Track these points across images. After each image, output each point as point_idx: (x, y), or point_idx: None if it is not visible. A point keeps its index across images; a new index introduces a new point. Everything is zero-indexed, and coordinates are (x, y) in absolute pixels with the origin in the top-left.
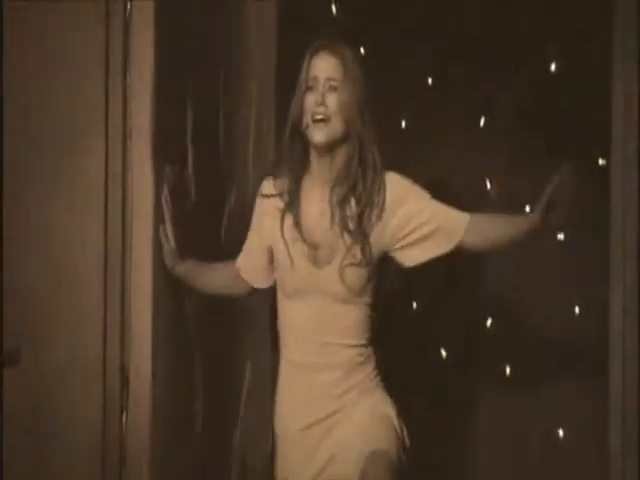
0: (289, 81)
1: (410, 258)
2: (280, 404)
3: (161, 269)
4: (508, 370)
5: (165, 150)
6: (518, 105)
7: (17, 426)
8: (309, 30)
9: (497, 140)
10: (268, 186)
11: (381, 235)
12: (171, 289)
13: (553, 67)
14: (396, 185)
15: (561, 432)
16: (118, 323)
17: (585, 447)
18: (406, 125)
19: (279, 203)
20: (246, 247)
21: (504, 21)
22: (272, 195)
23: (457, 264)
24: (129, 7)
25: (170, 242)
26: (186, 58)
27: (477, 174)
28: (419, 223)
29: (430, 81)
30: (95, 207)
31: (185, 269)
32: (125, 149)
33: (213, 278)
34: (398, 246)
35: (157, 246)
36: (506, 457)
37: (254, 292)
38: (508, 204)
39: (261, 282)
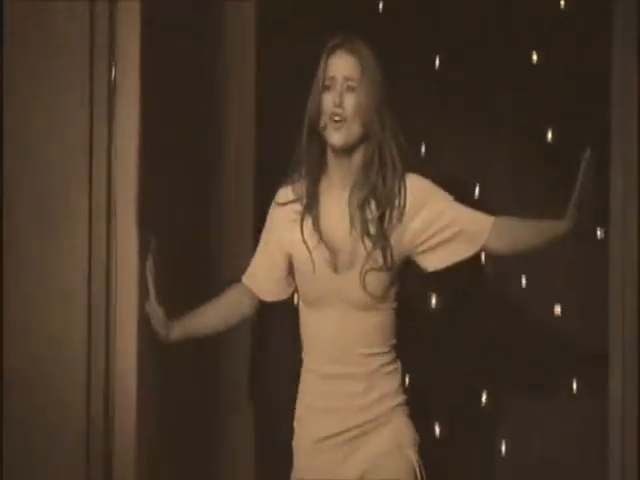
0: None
1: (432, 262)
2: (299, 415)
3: (148, 338)
4: (504, 448)
5: (150, 219)
6: (514, 172)
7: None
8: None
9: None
10: (284, 193)
11: (402, 238)
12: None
13: (550, 135)
14: (417, 187)
15: None
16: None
17: None
18: None
19: (297, 207)
20: (255, 260)
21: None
22: (289, 202)
23: (450, 334)
24: (113, 69)
25: (158, 313)
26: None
27: None
28: (440, 226)
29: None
30: (79, 283)
31: (180, 330)
32: (109, 224)
33: (215, 315)
34: (420, 250)
35: (142, 318)
36: None
37: (259, 306)
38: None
39: (272, 294)
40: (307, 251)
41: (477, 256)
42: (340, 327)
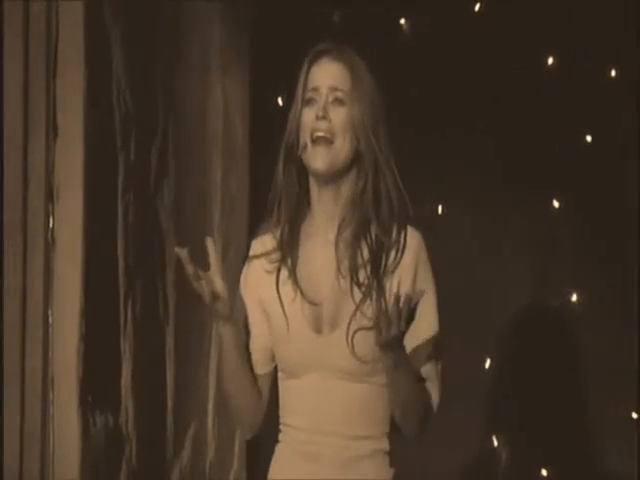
0: None
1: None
2: None
3: None
4: None
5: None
6: None
7: None
8: None
9: None
10: (260, 243)
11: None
12: None
13: None
14: (422, 258)
15: None
16: None
17: None
18: None
19: (276, 256)
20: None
21: None
22: (264, 253)
23: None
24: None
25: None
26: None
27: None
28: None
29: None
30: None
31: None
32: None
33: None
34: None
35: None
36: None
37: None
38: None
39: (262, 364)
40: (281, 306)
41: None
42: (320, 401)
